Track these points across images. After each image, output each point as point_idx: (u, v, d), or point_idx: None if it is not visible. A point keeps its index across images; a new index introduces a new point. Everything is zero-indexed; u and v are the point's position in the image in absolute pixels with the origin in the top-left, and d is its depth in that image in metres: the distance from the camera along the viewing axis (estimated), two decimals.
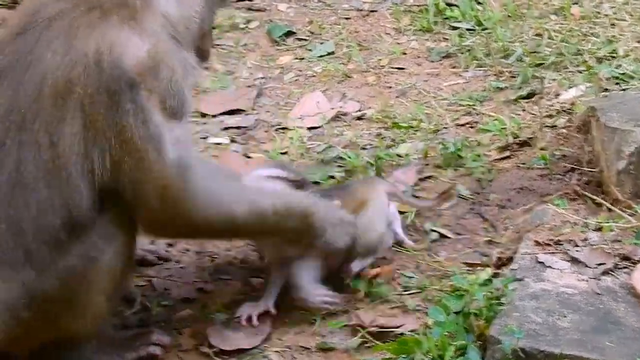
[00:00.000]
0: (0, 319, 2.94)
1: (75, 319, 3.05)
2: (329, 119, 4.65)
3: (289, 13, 5.95)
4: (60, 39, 2.90)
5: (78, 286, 2.99)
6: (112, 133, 2.87)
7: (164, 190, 2.94)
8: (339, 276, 3.50)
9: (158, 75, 2.92)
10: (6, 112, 2.92)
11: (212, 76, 5.17)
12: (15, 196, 2.90)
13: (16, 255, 2.92)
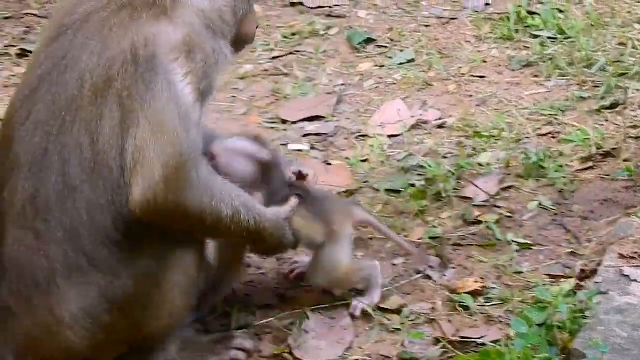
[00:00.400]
0: (81, 325, 2.98)
1: (152, 319, 3.08)
2: (410, 127, 4.64)
3: (369, 20, 5.95)
4: (94, 40, 2.95)
5: (152, 286, 3.03)
6: (146, 119, 2.89)
7: (174, 170, 2.91)
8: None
9: (193, 58, 2.98)
10: (46, 118, 2.95)
11: (292, 83, 5.19)
12: (64, 201, 2.92)
13: (79, 261, 2.94)
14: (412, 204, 4.01)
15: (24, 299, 2.99)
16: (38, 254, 2.95)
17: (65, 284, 2.94)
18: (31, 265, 2.97)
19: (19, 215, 2.98)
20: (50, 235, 2.94)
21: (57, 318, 2.96)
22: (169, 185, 2.90)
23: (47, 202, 2.93)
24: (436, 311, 3.47)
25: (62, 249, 2.93)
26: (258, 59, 5.53)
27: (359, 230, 3.89)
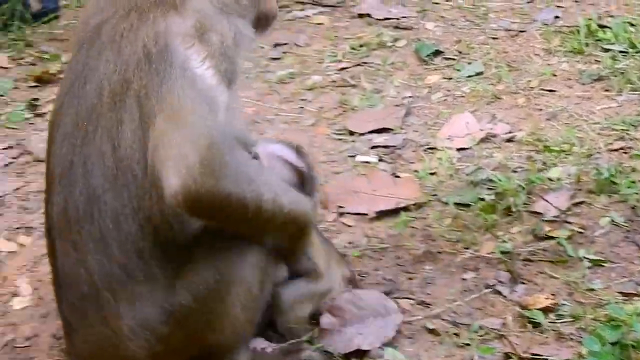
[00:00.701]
0: (140, 336, 2.95)
1: (214, 334, 3.05)
2: (479, 141, 4.60)
3: (437, 32, 5.94)
4: (108, 48, 2.92)
5: (212, 302, 2.98)
6: (162, 110, 2.80)
7: (209, 148, 2.77)
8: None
9: (208, 40, 2.92)
10: (71, 130, 2.94)
11: (360, 94, 5.19)
12: (90, 211, 2.89)
13: (114, 271, 2.91)
14: (482, 218, 3.97)
15: (80, 313, 2.99)
16: (79, 266, 2.94)
17: (111, 296, 2.92)
18: (76, 278, 2.96)
19: (58, 228, 3.00)
20: (84, 247, 2.92)
21: (115, 330, 2.95)
22: (206, 168, 2.75)
23: (76, 214, 2.92)
24: (506, 327, 3.43)
25: (96, 260, 2.91)
26: (326, 70, 5.54)
27: (428, 243, 3.88)
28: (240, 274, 3.01)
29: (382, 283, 3.71)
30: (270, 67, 5.67)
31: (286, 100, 5.25)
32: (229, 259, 2.98)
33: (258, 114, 5.12)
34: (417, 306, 3.57)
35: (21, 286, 3.84)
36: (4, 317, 3.68)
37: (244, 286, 3.02)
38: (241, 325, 3.08)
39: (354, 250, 3.90)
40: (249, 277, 3.03)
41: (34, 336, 3.57)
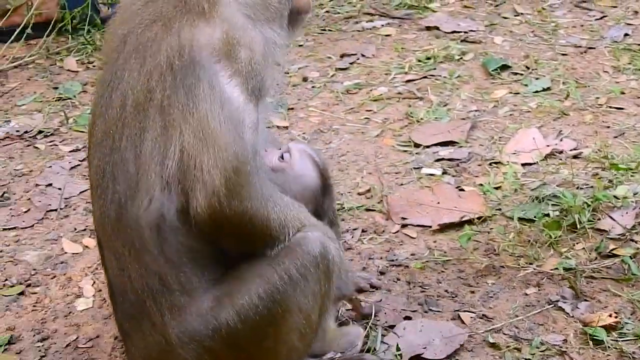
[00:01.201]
0: (189, 346, 2.92)
1: (267, 354, 3.00)
2: (544, 156, 4.58)
3: (505, 46, 5.93)
4: (133, 56, 2.89)
5: (264, 325, 2.92)
6: (188, 125, 2.78)
7: (234, 172, 2.78)
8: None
9: (237, 56, 2.84)
10: (101, 139, 2.94)
11: (426, 106, 5.20)
12: (120, 220, 2.88)
13: (152, 281, 2.90)
14: (546, 234, 3.95)
15: (133, 320, 3.00)
16: (122, 275, 2.95)
17: (154, 305, 2.91)
18: (124, 287, 2.97)
19: (101, 238, 3.02)
20: (122, 256, 2.92)
21: (165, 338, 2.93)
22: (232, 191, 2.78)
23: (110, 222, 2.92)
24: (568, 343, 3.41)
25: (134, 269, 2.91)
26: (392, 81, 5.56)
27: (491, 258, 3.88)
28: (298, 302, 2.94)
29: (443, 296, 3.71)
30: (337, 77, 5.71)
31: (352, 111, 5.27)
32: (284, 288, 2.91)
33: (324, 123, 5.15)
34: (478, 320, 3.57)
35: (85, 287, 3.91)
36: (68, 318, 3.75)
37: (303, 314, 2.97)
38: (298, 350, 3.05)
39: (417, 262, 3.91)
40: (308, 305, 2.97)
41: (96, 337, 3.63)
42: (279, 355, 3.02)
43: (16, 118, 5.44)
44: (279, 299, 2.90)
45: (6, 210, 4.53)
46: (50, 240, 4.26)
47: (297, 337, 3.00)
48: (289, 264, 2.92)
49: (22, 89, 5.86)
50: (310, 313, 2.99)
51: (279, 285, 2.89)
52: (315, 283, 2.97)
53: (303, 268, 2.94)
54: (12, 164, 4.96)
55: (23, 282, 3.98)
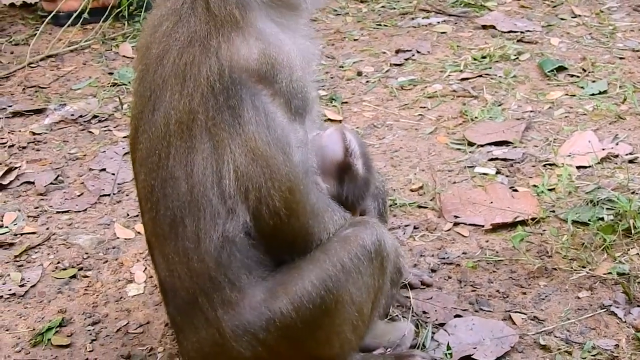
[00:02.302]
0: (243, 339, 2.94)
1: (321, 345, 3.02)
2: (600, 160, 4.54)
3: (561, 48, 5.88)
4: (172, 78, 2.86)
5: (318, 315, 2.94)
6: (237, 145, 2.79)
7: (289, 192, 2.84)
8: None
9: (276, 76, 2.83)
10: (147, 156, 2.96)
11: (480, 105, 5.17)
12: (175, 232, 2.92)
13: (204, 281, 2.93)
14: (600, 238, 3.91)
15: (185, 315, 3.03)
16: (172, 275, 2.99)
17: (207, 301, 2.94)
18: (173, 285, 3.01)
19: (152, 242, 3.06)
20: (171, 259, 2.96)
21: (219, 332, 2.96)
22: (290, 210, 2.85)
23: (162, 232, 2.96)
24: (619, 349, 3.38)
25: (184, 271, 2.94)
26: (447, 79, 5.54)
27: (543, 259, 3.85)
28: (351, 293, 2.96)
29: (494, 296, 3.69)
30: (391, 72, 5.70)
31: (406, 107, 5.26)
32: (337, 278, 2.93)
33: (377, 118, 5.14)
34: (529, 321, 3.55)
35: (136, 273, 3.94)
36: (119, 303, 3.78)
37: (355, 306, 2.99)
38: (350, 342, 3.06)
39: (468, 260, 3.89)
40: (361, 298, 3.00)
41: (146, 323, 3.66)
42: (332, 347, 3.04)
43: (71, 102, 5.49)
44: (332, 289, 2.92)
45: (60, 193, 4.57)
46: (103, 225, 4.29)
47: (349, 329, 3.02)
48: (343, 255, 2.94)
49: (78, 73, 5.91)
50: (363, 306, 3.01)
51: (333, 274, 2.92)
52: (369, 276, 2.99)
53: (357, 259, 2.96)
54: (66, 147, 5.00)
55: (75, 266, 4.02)
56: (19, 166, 4.80)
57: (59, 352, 3.55)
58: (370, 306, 3.05)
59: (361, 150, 3.22)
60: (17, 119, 5.35)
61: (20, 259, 4.08)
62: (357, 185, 3.18)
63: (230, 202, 2.84)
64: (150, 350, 3.54)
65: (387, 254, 3.04)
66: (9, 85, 5.79)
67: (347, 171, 3.16)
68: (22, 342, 3.60)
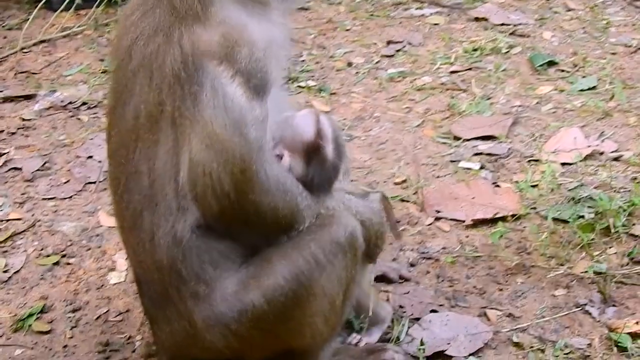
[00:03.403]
0: (215, 330, 2.99)
1: (293, 335, 3.06)
2: (584, 157, 4.55)
3: (553, 42, 5.89)
4: (140, 70, 2.90)
5: (290, 307, 2.97)
6: (195, 133, 2.82)
7: (241, 173, 2.85)
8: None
9: (236, 56, 2.84)
10: (116, 149, 3.01)
11: (469, 99, 5.19)
12: (137, 224, 2.97)
13: (171, 274, 2.96)
14: (579, 236, 3.93)
15: (158, 307, 3.07)
16: (142, 266, 3.04)
17: (177, 293, 2.98)
18: (145, 276, 3.06)
19: (121, 233, 3.12)
20: (139, 251, 3.00)
21: (190, 323, 3.00)
22: (240, 191, 2.86)
23: (127, 224, 3.02)
24: (592, 348, 3.40)
25: (151, 262, 2.98)
26: (437, 71, 5.55)
27: (522, 256, 3.87)
28: (323, 287, 2.99)
29: (471, 292, 3.72)
30: (382, 64, 5.71)
31: (394, 99, 5.27)
32: (310, 272, 2.96)
33: (365, 110, 5.16)
34: (504, 318, 3.57)
35: (118, 261, 3.97)
36: (100, 291, 3.82)
37: (327, 299, 3.02)
38: (322, 333, 3.09)
39: (447, 256, 3.92)
40: (333, 290, 3.02)
41: (126, 311, 3.70)
42: (304, 338, 3.08)
43: (62, 88, 5.50)
44: (304, 282, 2.95)
45: (46, 180, 4.60)
46: (87, 213, 4.32)
47: (321, 321, 3.05)
48: (316, 249, 2.97)
49: (70, 59, 5.92)
50: (335, 298, 3.04)
51: (305, 269, 2.95)
52: (342, 269, 3.02)
53: (331, 255, 2.99)
54: (55, 134, 5.03)
55: (58, 253, 4.05)
56: (7, 152, 4.83)
57: (39, 338, 3.59)
58: (342, 298, 3.08)
59: (334, 135, 3.22)
60: (8, 105, 5.37)
61: (4, 245, 4.12)
62: (324, 168, 3.16)
63: (182, 198, 2.88)
64: (128, 338, 3.57)
65: (359, 244, 3.07)
66: (1, 70, 5.81)
67: (316, 152, 3.14)
68: (3, 327, 3.64)
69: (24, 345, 3.55)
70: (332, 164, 3.16)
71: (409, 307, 3.65)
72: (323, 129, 3.17)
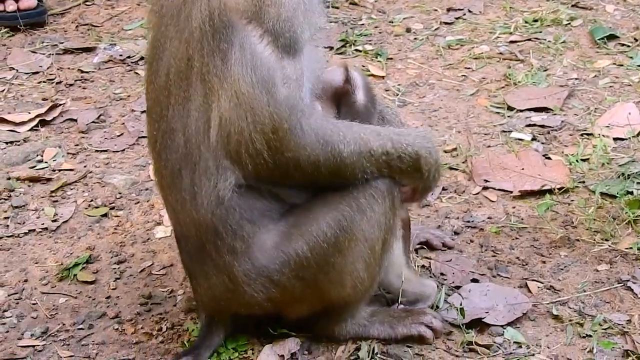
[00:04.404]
0: (257, 282, 3.05)
1: (334, 285, 3.12)
2: (638, 133, 4.49)
3: (616, 15, 5.80)
4: (170, 24, 2.93)
5: (331, 253, 3.04)
6: (224, 90, 2.85)
7: (273, 132, 2.88)
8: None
9: (264, 16, 2.86)
10: (151, 106, 3.05)
11: (526, 70, 5.14)
12: (175, 183, 3.01)
13: (208, 230, 3.00)
14: (626, 212, 3.90)
15: (196, 261, 3.12)
16: (180, 223, 3.09)
17: (214, 249, 3.02)
18: (183, 232, 3.11)
19: (161, 192, 3.16)
20: (177, 209, 3.06)
21: (230, 277, 3.05)
22: (274, 149, 2.89)
23: (166, 182, 3.06)
24: (631, 324, 3.38)
25: (189, 219, 3.02)
26: (495, 41, 5.51)
27: (567, 229, 3.85)
28: (364, 231, 3.05)
29: (514, 263, 3.71)
30: (440, 31, 5.68)
31: (451, 67, 5.25)
32: (351, 216, 3.02)
33: (420, 77, 5.14)
34: (545, 290, 3.57)
35: (165, 216, 3.99)
36: (145, 244, 3.88)
37: (368, 243, 3.08)
38: (363, 282, 3.14)
39: (492, 226, 3.91)
40: (373, 235, 3.08)
41: (169, 265, 3.76)
42: (345, 287, 3.14)
43: (121, 42, 5.57)
44: (345, 226, 3.02)
45: (101, 132, 4.67)
46: (138, 166, 4.39)
47: (362, 267, 3.11)
48: (357, 194, 3.03)
49: (131, 14, 5.99)
50: (375, 244, 3.10)
51: (346, 213, 3.02)
52: (381, 214, 3.08)
53: (371, 198, 3.04)
54: (111, 87, 5.10)
55: (107, 205, 4.12)
56: (64, 103, 4.90)
57: (83, 287, 3.67)
58: (381, 245, 3.13)
59: (364, 83, 3.29)
60: (67, 56, 5.45)
61: (55, 194, 4.20)
62: (356, 112, 3.21)
63: (219, 157, 2.91)
64: (170, 292, 3.63)
65: (397, 193, 3.11)
66: (63, 22, 5.89)
67: (345, 96, 3.22)
68: (50, 275, 3.73)
69: (68, 294, 3.63)
70: (363, 106, 3.20)
71: (450, 275, 3.66)
72: (352, 77, 3.26)
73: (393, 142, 3.07)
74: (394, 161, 3.06)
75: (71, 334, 3.44)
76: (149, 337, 3.42)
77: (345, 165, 2.99)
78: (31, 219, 4.03)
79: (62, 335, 3.43)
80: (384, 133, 3.08)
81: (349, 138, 2.99)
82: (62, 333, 3.45)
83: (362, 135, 3.03)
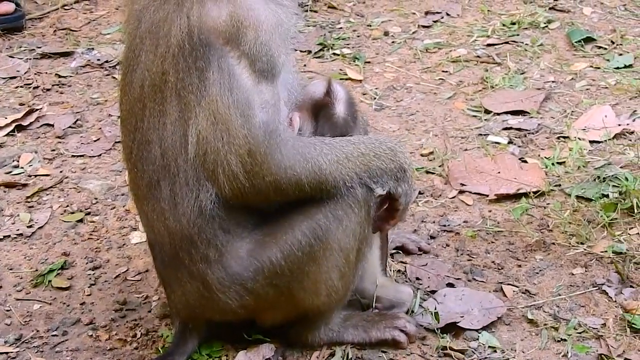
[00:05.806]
0: (231, 289, 3.06)
1: (308, 294, 3.13)
2: (613, 135, 4.51)
3: (593, 18, 5.82)
4: (148, 37, 2.92)
5: (305, 262, 3.04)
6: (201, 108, 2.85)
7: (249, 155, 2.88)
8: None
9: (242, 39, 2.86)
10: (126, 117, 3.04)
11: (503, 73, 5.15)
12: (152, 193, 3.01)
13: (182, 239, 3.01)
14: (602, 215, 3.91)
15: (171, 269, 3.12)
16: (154, 231, 3.09)
17: (188, 257, 3.03)
18: (157, 240, 3.11)
19: (135, 200, 3.16)
20: (152, 217, 3.05)
21: (204, 284, 3.06)
22: (252, 174, 2.91)
23: (142, 192, 3.05)
24: (606, 328, 3.39)
25: (164, 228, 3.03)
26: (473, 44, 5.52)
27: (543, 233, 3.86)
28: (339, 240, 3.05)
29: (489, 267, 3.72)
30: (418, 34, 5.69)
31: (428, 70, 5.25)
32: (327, 225, 3.02)
33: (398, 80, 5.15)
34: (520, 294, 3.57)
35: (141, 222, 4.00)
36: (121, 250, 3.87)
37: (343, 253, 3.08)
38: (337, 290, 3.15)
39: (468, 229, 3.92)
40: (348, 244, 3.08)
41: (145, 271, 3.75)
42: (319, 295, 3.15)
43: (99, 46, 5.56)
44: (321, 236, 3.02)
45: (77, 137, 4.66)
46: (114, 172, 4.37)
47: (336, 276, 3.12)
48: (333, 203, 3.03)
49: (109, 18, 5.97)
50: (350, 253, 3.11)
51: (322, 222, 3.02)
52: (356, 224, 3.08)
53: (347, 207, 3.05)
54: (89, 92, 5.08)
55: (83, 210, 4.11)
56: (40, 108, 4.88)
57: (58, 294, 3.65)
58: (356, 254, 3.13)
59: (346, 97, 3.28)
60: (45, 61, 5.43)
61: (31, 200, 4.19)
62: (335, 125, 3.22)
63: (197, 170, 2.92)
64: (145, 298, 3.63)
65: (373, 204, 3.11)
66: (41, 27, 5.87)
67: (324, 109, 3.22)
68: (24, 282, 3.71)
69: (43, 300, 3.62)
70: (343, 119, 3.20)
71: (426, 280, 3.66)
72: (334, 89, 3.25)
73: (365, 144, 3.10)
74: (372, 162, 3.08)
75: (45, 340, 3.43)
76: (123, 343, 3.41)
77: (326, 176, 3.00)
78: (6, 224, 4.02)
79: (36, 342, 3.42)
80: (355, 139, 3.11)
81: (325, 150, 3.01)
82: (36, 340, 3.43)
83: (335, 144, 3.05)
